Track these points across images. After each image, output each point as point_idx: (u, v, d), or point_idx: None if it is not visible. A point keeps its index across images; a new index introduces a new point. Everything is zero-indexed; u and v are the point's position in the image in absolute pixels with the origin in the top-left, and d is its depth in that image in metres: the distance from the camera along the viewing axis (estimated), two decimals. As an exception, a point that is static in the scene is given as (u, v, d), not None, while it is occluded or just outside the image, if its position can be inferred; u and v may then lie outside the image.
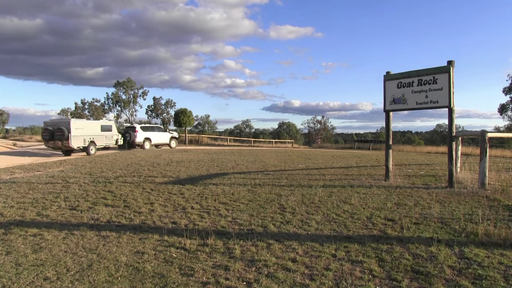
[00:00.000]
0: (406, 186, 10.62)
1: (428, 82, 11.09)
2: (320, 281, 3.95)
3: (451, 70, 10.54)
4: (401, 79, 11.83)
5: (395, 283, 3.91)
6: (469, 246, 5.09)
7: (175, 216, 6.78)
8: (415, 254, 4.81)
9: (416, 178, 12.68)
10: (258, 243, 5.23)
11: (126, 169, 13.49)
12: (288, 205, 7.75)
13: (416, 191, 9.74)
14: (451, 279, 4.00)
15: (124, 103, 70.63)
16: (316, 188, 9.90)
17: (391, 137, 12.63)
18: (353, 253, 4.85)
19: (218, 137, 63.47)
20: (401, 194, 9.25)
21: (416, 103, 11.46)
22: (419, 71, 11.39)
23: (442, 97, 10.74)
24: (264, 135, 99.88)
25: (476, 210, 7.24)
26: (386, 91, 12.21)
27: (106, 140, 27.40)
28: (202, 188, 9.66)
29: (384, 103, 12.32)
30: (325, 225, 6.27)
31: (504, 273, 4.21)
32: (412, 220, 6.57)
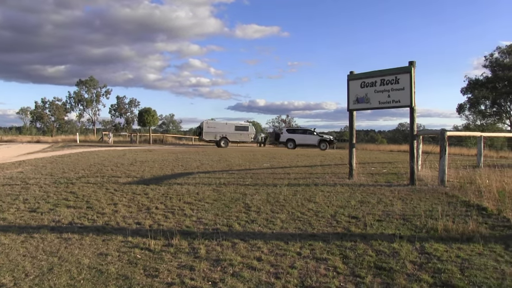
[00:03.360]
0: (369, 184, 10.81)
1: (390, 82, 11.29)
2: (286, 279, 3.97)
3: (412, 71, 10.77)
4: (364, 79, 12.01)
5: (359, 279, 3.97)
6: (429, 242, 5.22)
7: (139, 217, 6.68)
8: (378, 250, 4.90)
9: (379, 176, 12.92)
10: (223, 242, 5.21)
11: (89, 169, 13.23)
12: (253, 204, 7.76)
13: (379, 188, 9.92)
14: (412, 274, 4.09)
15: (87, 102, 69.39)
16: (281, 187, 9.95)
17: (354, 136, 12.82)
18: (318, 250, 4.90)
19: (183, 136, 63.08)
20: (364, 192, 9.41)
21: (379, 103, 11.66)
22: (382, 71, 11.59)
23: (404, 96, 10.97)
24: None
25: (436, 207, 7.43)
26: (350, 90, 12.38)
27: (241, 138, 38.21)
28: (166, 188, 9.57)
29: (347, 102, 12.49)
30: (290, 223, 6.31)
31: (461, 265, 4.35)
32: (375, 217, 6.69)
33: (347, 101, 12.49)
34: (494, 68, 52.56)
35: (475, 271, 4.18)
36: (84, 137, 50.27)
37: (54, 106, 67.56)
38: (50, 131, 66.76)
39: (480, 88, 53.42)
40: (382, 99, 11.53)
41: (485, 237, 5.44)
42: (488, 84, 52.82)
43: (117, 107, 71.97)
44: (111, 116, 72.72)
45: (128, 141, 45.01)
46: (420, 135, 13.03)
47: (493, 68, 52.74)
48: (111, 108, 72.26)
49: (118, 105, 71.95)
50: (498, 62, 52.22)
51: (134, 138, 44.41)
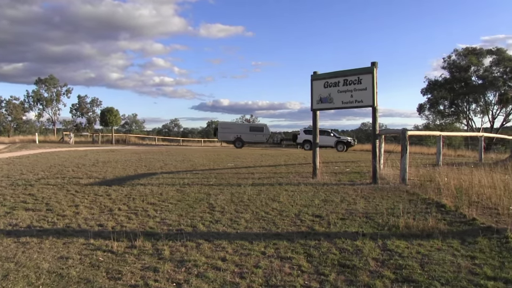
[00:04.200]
0: (333, 183, 10.93)
1: (353, 82, 11.45)
2: (250, 279, 3.97)
3: (375, 71, 10.96)
4: (327, 79, 12.13)
5: (323, 277, 4.01)
6: (391, 239, 5.33)
7: (102, 218, 6.55)
8: (342, 248, 4.96)
9: (342, 175, 13.09)
10: (188, 243, 5.17)
11: (49, 170, 12.90)
12: (218, 204, 7.74)
13: (342, 187, 10.05)
14: (375, 271, 4.16)
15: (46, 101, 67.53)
16: (245, 186, 9.96)
17: (318, 136, 12.95)
18: (282, 249, 4.93)
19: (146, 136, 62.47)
20: (328, 191, 9.51)
21: (342, 103, 11.81)
22: (345, 72, 11.74)
23: (366, 96, 11.14)
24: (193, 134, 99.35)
25: (398, 204, 7.59)
26: (313, 90, 12.49)
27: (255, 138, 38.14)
28: (129, 189, 9.44)
29: (311, 102, 12.59)
30: (254, 223, 6.32)
31: (421, 261, 4.46)
32: (338, 216, 6.77)
33: (311, 101, 12.60)
34: (451, 70, 54.03)
35: (434, 266, 4.29)
36: (43, 137, 48.84)
37: (11, 105, 65.32)
38: (6, 131, 64.56)
39: (439, 89, 54.80)
40: (345, 99, 11.67)
41: (443, 233, 5.60)
42: (446, 85, 54.24)
43: (79, 106, 70.41)
44: (72, 116, 71.07)
45: (90, 141, 44.12)
46: (382, 134, 13.25)
47: (451, 70, 54.21)
48: (72, 107, 70.62)
49: (79, 104, 70.39)
50: (455, 64, 53.71)
51: (96, 138, 43.61)
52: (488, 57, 52.79)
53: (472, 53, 53.01)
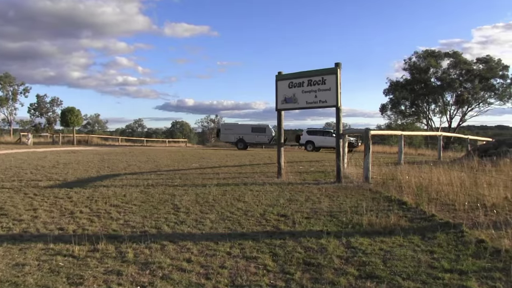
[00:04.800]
0: (297, 182, 11.02)
1: (317, 83, 11.57)
2: (216, 280, 3.96)
3: (338, 72, 11.11)
4: (292, 79, 12.23)
5: (289, 276, 4.04)
6: (355, 236, 5.42)
7: (62, 222, 6.36)
8: (307, 247, 5.01)
9: (307, 174, 13.21)
10: (152, 245, 5.10)
11: (4, 173, 12.49)
12: (182, 205, 7.68)
13: (307, 187, 10.14)
14: (339, 268, 4.22)
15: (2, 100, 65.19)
16: (210, 187, 9.92)
17: (282, 135, 13.04)
18: (248, 249, 4.93)
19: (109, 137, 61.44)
20: (293, 190, 9.58)
21: (306, 103, 11.92)
22: (309, 72, 11.86)
23: (330, 97, 11.28)
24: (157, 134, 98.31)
25: (361, 203, 7.72)
26: (278, 90, 12.57)
27: (258, 139, 36.60)
28: (91, 191, 9.25)
29: (276, 102, 12.68)
30: (219, 223, 6.30)
31: (384, 257, 4.56)
32: (303, 215, 6.83)
33: (276, 101, 12.68)
34: (412, 71, 55.35)
35: (396, 261, 4.39)
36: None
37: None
38: (-45, 132, 61.96)
39: (400, 90, 56.05)
40: (310, 99, 11.79)
41: (405, 229, 5.73)
42: (407, 86, 55.54)
43: (37, 106, 68.30)
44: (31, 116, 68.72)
45: (50, 142, 42.97)
46: (345, 134, 13.46)
47: (411, 71, 55.52)
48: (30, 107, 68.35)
49: (38, 104, 68.28)
50: (416, 66, 55.04)
51: (57, 139, 42.47)
52: (446, 60, 54.43)
53: (431, 55, 54.50)
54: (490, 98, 53.21)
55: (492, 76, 51.49)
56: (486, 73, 51.17)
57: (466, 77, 52.74)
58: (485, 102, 53.78)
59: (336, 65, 11.23)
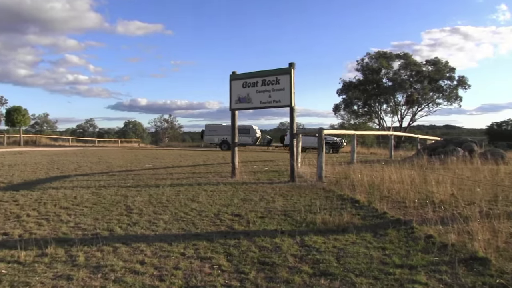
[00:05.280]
0: (251, 182, 11.03)
1: (271, 83, 11.63)
2: (170, 281, 3.89)
3: (292, 72, 11.20)
4: (246, 79, 12.23)
5: (243, 276, 4.02)
6: (309, 235, 5.45)
7: (7, 227, 6.04)
8: (261, 246, 5.00)
9: (261, 174, 13.24)
10: (104, 247, 4.96)
11: None
12: (135, 206, 7.54)
13: (261, 186, 10.17)
14: (294, 266, 4.23)
15: None
16: (164, 187, 9.80)
17: (236, 135, 13.02)
18: (202, 250, 4.88)
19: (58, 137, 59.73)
20: (247, 190, 9.58)
21: (260, 102, 11.96)
22: (263, 72, 11.90)
23: (284, 96, 11.36)
24: (109, 134, 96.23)
25: (315, 201, 7.80)
26: (232, 90, 12.55)
27: (241, 140, 33.31)
28: (40, 193, 8.93)
29: (230, 102, 12.66)
30: (173, 224, 6.22)
31: (337, 255, 4.61)
32: (258, 214, 6.83)
33: (230, 101, 12.66)
34: (365, 72, 56.56)
35: (349, 258, 4.45)
36: None
37: None
38: None
39: (353, 90, 57.18)
40: (264, 99, 11.83)
41: (358, 227, 5.84)
42: (360, 86, 56.73)
43: (-21, 105, 65.68)
44: (-29, 115, 66.12)
45: (-6, 143, 41.35)
46: (299, 133, 13.58)
47: (364, 72, 56.72)
48: (-29, 106, 65.73)
49: (-20, 103, 65.67)
50: (368, 67, 56.28)
51: (1, 139, 40.88)
52: (397, 61, 55.93)
53: (383, 56, 55.88)
54: (439, 99, 55.15)
55: (440, 78, 53.37)
56: (435, 74, 52.98)
57: (416, 78, 54.44)
58: (434, 102, 55.67)
59: (290, 65, 11.31)
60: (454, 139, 20.71)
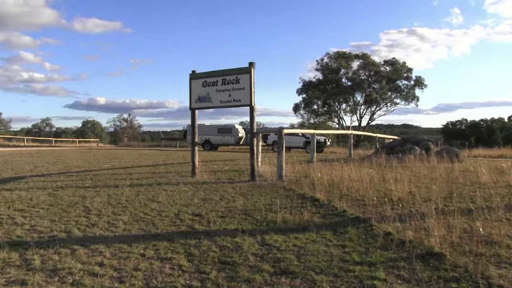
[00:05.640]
0: (212, 181, 11.00)
1: (231, 82, 11.62)
2: (130, 283, 3.82)
3: (252, 71, 11.23)
4: (206, 78, 12.19)
5: (204, 276, 3.99)
6: (270, 234, 5.47)
7: (-44, 230, 5.80)
8: (222, 245, 4.99)
9: (221, 173, 13.23)
10: (61, 250, 4.81)
11: None
12: (94, 207, 7.38)
13: (222, 185, 10.15)
14: (254, 265, 4.24)
15: None
16: (123, 187, 9.64)
17: (196, 135, 12.96)
18: (162, 250, 4.82)
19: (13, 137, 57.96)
20: (207, 189, 9.54)
21: (220, 102, 11.94)
22: (223, 71, 11.88)
23: (244, 96, 11.38)
24: (67, 134, 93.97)
25: (275, 200, 7.84)
26: (192, 89, 12.48)
27: (224, 140, 35.04)
28: (-8, 195, 8.63)
29: (190, 101, 12.59)
30: (133, 225, 6.12)
31: (298, 253, 4.64)
32: (218, 214, 6.81)
33: (189, 100, 12.59)
34: (324, 72, 57.26)
35: (310, 256, 4.48)
36: None
37: None
38: None
39: (313, 90, 57.80)
40: (224, 98, 11.82)
41: (318, 225, 5.90)
42: (319, 86, 57.41)
43: None
44: None
45: None
46: (259, 133, 13.62)
47: (323, 72, 57.42)
48: None
49: None
50: (328, 66, 57.03)
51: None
52: (355, 61, 56.91)
53: (342, 56, 56.74)
54: (396, 99, 56.44)
55: (397, 78, 54.63)
56: (393, 74, 54.19)
57: (374, 78, 55.56)
58: (392, 102, 56.94)
59: (250, 65, 11.34)
60: (411, 138, 21.24)
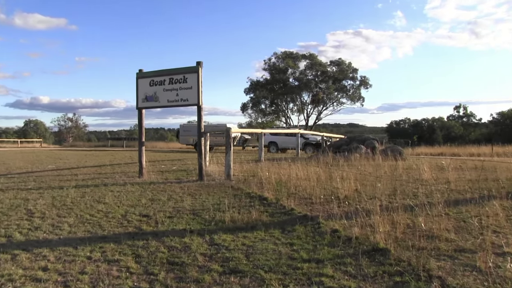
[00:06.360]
0: (159, 181, 10.90)
1: (179, 81, 11.55)
2: (76, 287, 3.74)
3: (200, 71, 11.20)
4: (153, 77, 12.06)
5: (153, 277, 3.96)
6: (218, 233, 5.49)
7: None
8: (170, 246, 4.96)
9: (169, 173, 13.12)
10: (1, 256, 4.63)
11: None
12: (37, 210, 7.15)
13: (169, 185, 10.08)
14: (203, 265, 4.25)
15: None
16: (68, 189, 9.39)
17: (143, 134, 12.80)
18: (109, 252, 4.74)
19: None
20: (155, 189, 9.45)
21: (167, 101, 11.85)
22: (170, 70, 11.79)
23: (192, 95, 11.34)
24: (8, 134, 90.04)
25: (223, 200, 7.86)
26: (139, 88, 12.32)
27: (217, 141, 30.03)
28: None
29: (136, 100, 12.43)
30: (79, 227, 5.98)
31: (246, 252, 4.69)
32: (166, 214, 6.76)
33: (136, 100, 12.42)
34: (272, 72, 57.77)
35: (258, 255, 4.54)
36: None
37: None
38: None
39: (261, 89, 58.24)
40: (171, 97, 11.73)
41: (266, 224, 5.97)
42: (267, 85, 57.90)
43: None
44: None
45: None
46: (207, 132, 13.60)
47: (271, 72, 57.93)
48: None
49: None
50: (275, 66, 57.58)
51: None
52: (303, 61, 57.76)
53: (289, 56, 57.47)
54: (343, 98, 57.74)
55: (343, 78, 55.93)
56: (339, 75, 55.42)
57: (321, 78, 56.62)
58: (338, 101, 58.20)
59: (197, 64, 11.31)
60: (357, 137, 21.80)
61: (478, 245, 4.73)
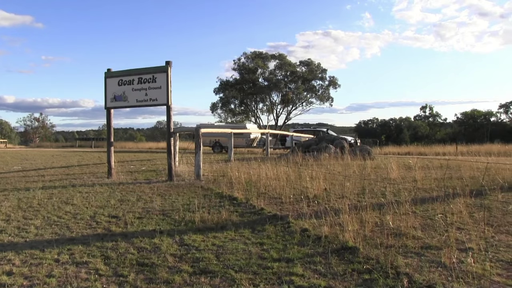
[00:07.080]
0: (129, 182, 10.81)
1: (148, 81, 11.48)
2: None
3: (169, 70, 11.15)
4: (122, 76, 11.95)
5: (122, 279, 3.94)
6: (188, 234, 5.49)
7: None
8: (140, 247, 4.94)
9: (138, 173, 13.01)
10: (-37, 260, 4.52)
11: None
12: (2, 212, 7.00)
13: (139, 186, 10.00)
14: (173, 266, 4.25)
15: None
16: (35, 190, 9.21)
17: (112, 134, 12.66)
18: (78, 254, 4.69)
19: None
20: (124, 190, 9.37)
21: (136, 101, 11.76)
22: (139, 70, 11.70)
23: (161, 95, 11.29)
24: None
25: (193, 200, 7.86)
26: (107, 88, 12.18)
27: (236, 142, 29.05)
28: None
29: (105, 100, 12.28)
30: (46, 229, 5.89)
31: (216, 252, 4.71)
32: (135, 215, 6.72)
33: (105, 99, 12.28)
34: (241, 71, 57.70)
35: (229, 255, 4.56)
36: None
37: None
38: None
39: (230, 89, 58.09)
40: (140, 97, 11.65)
41: (236, 224, 6.00)
42: (236, 85, 57.79)
43: None
44: None
45: None
46: (176, 132, 13.54)
47: (240, 71, 57.85)
48: None
49: None
50: (245, 66, 57.53)
51: None
52: (272, 61, 57.89)
53: (259, 56, 57.48)
54: (312, 98, 58.07)
55: (313, 78, 56.27)
56: (308, 75, 55.73)
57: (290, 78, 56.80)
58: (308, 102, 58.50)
59: (166, 64, 11.25)
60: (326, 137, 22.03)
61: (443, 241, 4.88)
